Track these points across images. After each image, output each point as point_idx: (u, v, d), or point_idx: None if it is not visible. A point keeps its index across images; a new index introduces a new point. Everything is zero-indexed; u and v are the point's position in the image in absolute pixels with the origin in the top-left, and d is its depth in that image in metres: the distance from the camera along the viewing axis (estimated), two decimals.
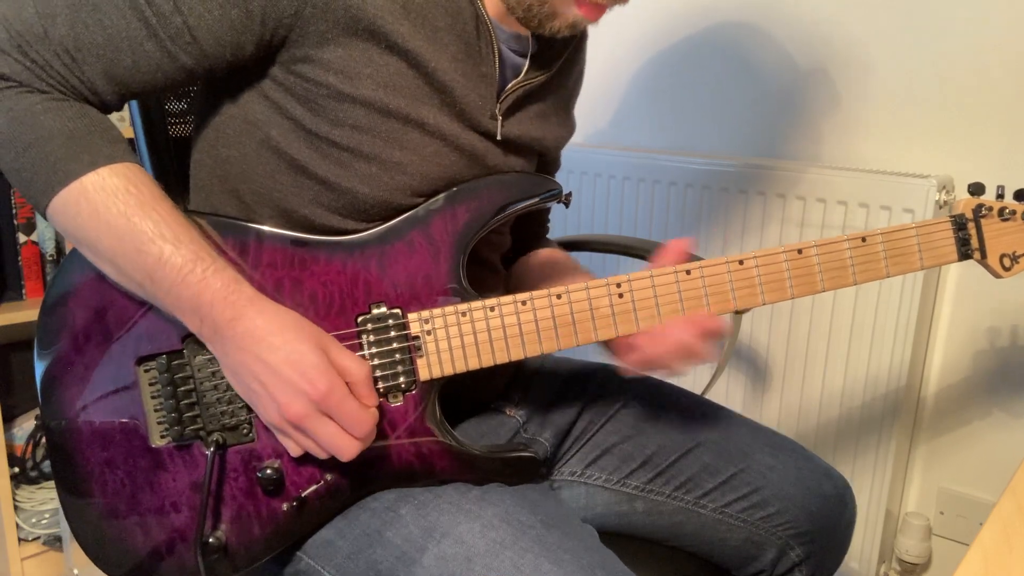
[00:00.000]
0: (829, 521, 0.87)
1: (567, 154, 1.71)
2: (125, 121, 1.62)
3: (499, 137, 0.77)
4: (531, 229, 0.98)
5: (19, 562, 1.57)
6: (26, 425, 1.63)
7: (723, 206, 1.50)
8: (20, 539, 1.58)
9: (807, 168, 1.39)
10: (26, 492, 1.63)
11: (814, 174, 1.38)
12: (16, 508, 1.58)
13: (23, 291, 1.58)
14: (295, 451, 0.67)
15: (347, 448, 0.65)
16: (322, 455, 0.66)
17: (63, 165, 0.64)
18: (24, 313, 1.51)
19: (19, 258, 1.56)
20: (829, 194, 1.36)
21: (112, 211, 0.64)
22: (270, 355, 0.63)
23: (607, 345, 0.80)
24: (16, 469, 1.61)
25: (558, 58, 0.81)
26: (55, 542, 1.62)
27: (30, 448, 1.63)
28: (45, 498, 1.63)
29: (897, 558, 1.46)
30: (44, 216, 0.67)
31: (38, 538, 1.61)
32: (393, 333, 0.71)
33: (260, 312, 0.64)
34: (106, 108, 0.69)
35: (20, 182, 0.66)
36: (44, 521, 1.61)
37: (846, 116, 1.42)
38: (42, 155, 0.64)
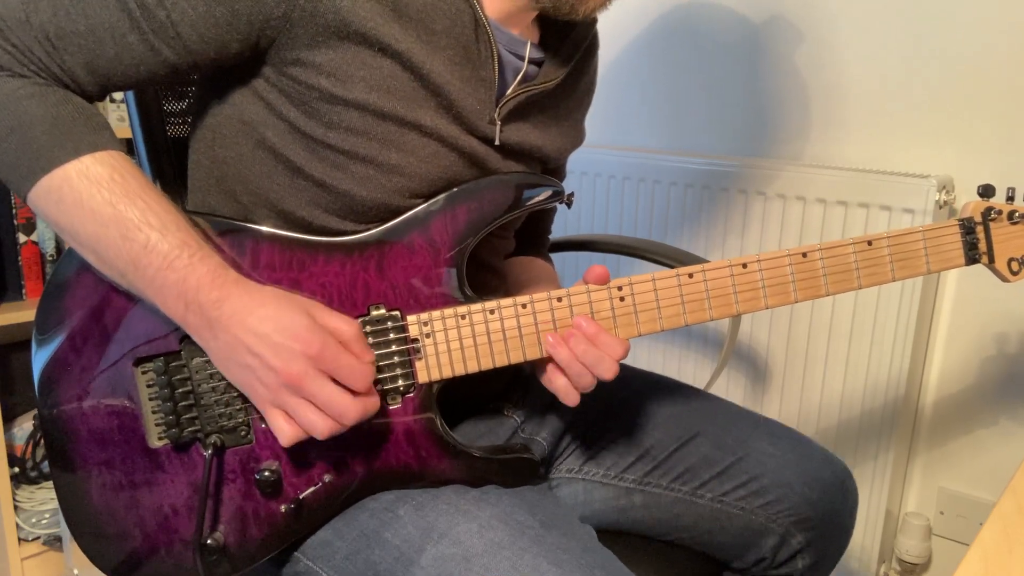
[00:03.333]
0: (831, 507, 0.87)
1: None
2: (124, 121, 1.62)
3: (497, 142, 0.76)
4: (533, 235, 0.98)
5: (19, 562, 1.57)
6: (26, 425, 1.63)
7: (722, 206, 1.50)
8: (20, 539, 1.58)
9: (806, 168, 1.39)
10: (26, 492, 1.63)
11: (813, 174, 1.38)
12: (16, 508, 1.58)
13: (23, 291, 1.58)
14: (290, 434, 0.64)
15: (349, 407, 0.63)
16: (321, 429, 0.63)
17: (46, 152, 0.63)
18: (24, 313, 1.51)
19: (19, 258, 1.56)
20: (828, 194, 1.36)
21: (96, 199, 0.63)
22: (260, 326, 0.62)
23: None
24: (16, 469, 1.61)
25: (564, 65, 0.80)
26: (55, 542, 1.62)
27: (30, 448, 1.63)
28: (45, 498, 1.63)
29: (897, 558, 1.46)
30: (25, 202, 0.66)
31: (38, 538, 1.61)
32: (392, 335, 0.71)
33: (246, 291, 0.64)
34: (87, 98, 0.68)
35: (1, 167, 0.65)
36: (44, 521, 1.62)
37: (845, 116, 1.42)
38: (25, 141, 0.63)
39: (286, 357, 0.62)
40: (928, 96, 1.33)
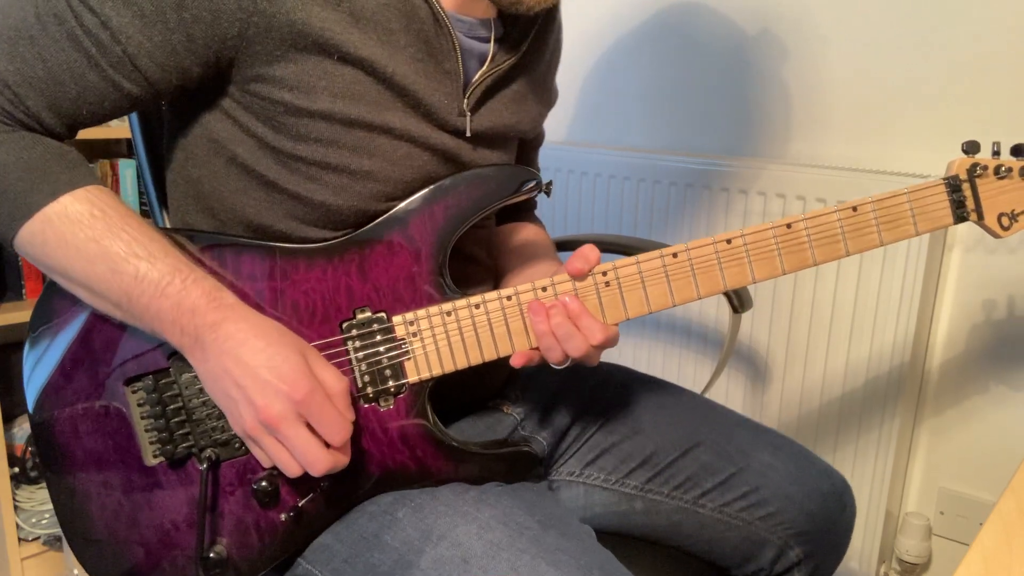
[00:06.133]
0: (828, 521, 0.87)
1: (563, 153, 1.71)
2: (125, 121, 1.62)
3: (469, 134, 0.76)
4: (518, 208, 0.97)
5: (19, 562, 1.58)
6: (26, 425, 1.63)
7: (722, 206, 1.50)
8: (20, 539, 1.58)
9: (806, 168, 1.39)
10: (26, 492, 1.63)
11: (814, 174, 1.37)
12: (16, 508, 1.58)
13: (23, 291, 1.58)
14: (268, 462, 0.66)
15: (320, 459, 0.63)
16: (292, 470, 0.64)
17: (24, 198, 0.63)
18: (24, 313, 1.51)
19: (19, 258, 1.56)
20: (829, 194, 1.36)
21: (80, 237, 0.63)
22: (251, 357, 0.62)
23: None
24: (16, 469, 1.61)
25: (526, 37, 0.79)
26: (55, 542, 1.62)
27: (30, 448, 1.63)
28: (45, 498, 1.63)
29: (897, 558, 1.45)
30: (12, 248, 0.66)
31: (38, 538, 1.62)
32: (379, 337, 0.70)
33: (242, 317, 0.64)
34: (58, 139, 0.68)
35: None
36: (44, 521, 1.62)
37: (845, 116, 1.42)
38: (0, 190, 0.63)
39: (270, 396, 0.62)
40: (929, 96, 1.32)
